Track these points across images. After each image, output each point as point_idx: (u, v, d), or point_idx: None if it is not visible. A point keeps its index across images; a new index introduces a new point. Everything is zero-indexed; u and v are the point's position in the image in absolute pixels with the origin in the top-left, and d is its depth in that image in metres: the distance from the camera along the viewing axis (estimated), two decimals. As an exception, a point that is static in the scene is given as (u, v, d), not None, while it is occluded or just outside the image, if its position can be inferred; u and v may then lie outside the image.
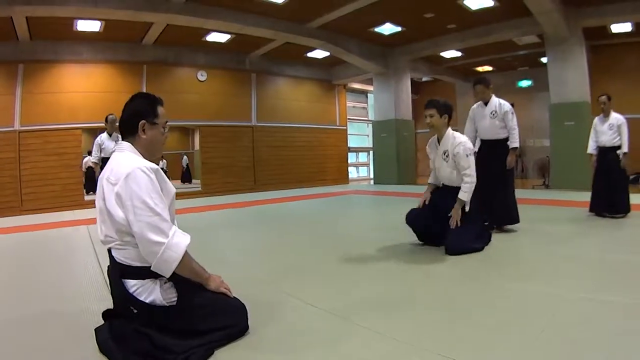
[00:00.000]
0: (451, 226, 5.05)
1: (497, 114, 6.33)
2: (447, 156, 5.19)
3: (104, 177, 2.62)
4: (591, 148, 7.82)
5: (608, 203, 7.47)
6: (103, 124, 9.04)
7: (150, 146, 2.77)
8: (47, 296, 4.01)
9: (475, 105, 6.70)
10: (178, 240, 2.54)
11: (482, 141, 6.63)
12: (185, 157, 23.03)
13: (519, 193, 9.16)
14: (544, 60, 14.47)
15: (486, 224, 6.09)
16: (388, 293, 3.72)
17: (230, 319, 2.77)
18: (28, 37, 11.83)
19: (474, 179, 5.04)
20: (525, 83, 19.67)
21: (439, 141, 5.34)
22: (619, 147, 7.44)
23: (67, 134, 12.40)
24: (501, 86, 19.24)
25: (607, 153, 7.58)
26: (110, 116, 9.01)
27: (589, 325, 2.82)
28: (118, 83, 13.47)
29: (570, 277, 3.98)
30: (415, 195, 12.18)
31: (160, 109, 2.82)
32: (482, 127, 6.53)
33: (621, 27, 13.38)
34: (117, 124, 8.94)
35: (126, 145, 2.72)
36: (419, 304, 3.40)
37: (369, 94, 21.32)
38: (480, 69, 19.20)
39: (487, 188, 6.03)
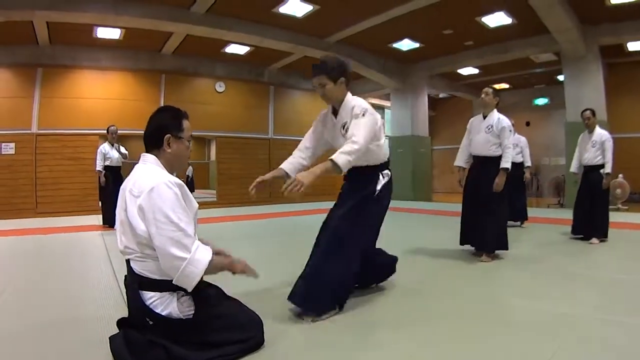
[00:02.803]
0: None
1: (492, 129, 5.78)
2: (345, 129, 3.75)
3: (127, 189, 2.61)
4: (574, 166, 7.50)
5: (587, 226, 7.06)
6: (111, 134, 9.30)
7: (174, 160, 2.77)
8: (61, 302, 4.02)
9: (473, 118, 6.23)
10: (200, 257, 2.53)
11: (473, 157, 6.11)
12: (190, 167, 22.95)
13: (534, 212, 9.18)
14: (561, 78, 14.47)
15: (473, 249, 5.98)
16: (403, 309, 3.71)
17: (246, 332, 2.75)
18: (48, 42, 12.04)
19: (360, 141, 3.40)
20: (541, 101, 19.59)
21: (335, 112, 3.91)
22: (602, 166, 7.03)
23: (84, 140, 12.54)
24: (518, 104, 19.28)
25: (589, 172, 7.22)
26: (112, 127, 9.30)
27: (603, 346, 2.81)
28: (136, 91, 13.67)
29: (580, 297, 3.96)
30: (431, 213, 12.29)
31: (185, 123, 2.84)
32: (475, 141, 6.00)
33: (638, 45, 13.33)
34: (117, 133, 9.28)
35: (151, 158, 2.72)
36: (434, 322, 3.39)
37: (386, 110, 21.26)
38: (497, 86, 19.15)
39: (474, 208, 5.87)
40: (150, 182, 2.51)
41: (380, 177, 3.87)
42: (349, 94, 3.83)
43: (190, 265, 2.47)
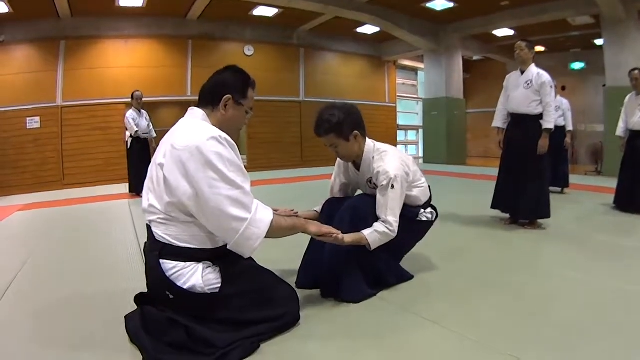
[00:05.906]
0: None
1: (532, 85, 5.29)
2: (373, 184, 3.25)
3: (168, 143, 2.35)
4: (620, 130, 6.86)
5: (632, 197, 6.36)
6: (136, 99, 9.15)
7: (226, 125, 2.50)
8: (84, 275, 3.92)
9: (511, 74, 5.75)
10: (261, 216, 2.34)
11: (511, 115, 5.63)
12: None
13: (571, 179, 8.93)
14: (598, 42, 14.12)
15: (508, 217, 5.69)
16: (450, 283, 3.48)
17: (279, 308, 2.52)
18: (69, 14, 11.92)
19: (394, 228, 3.07)
20: (577, 65, 18.99)
21: (357, 166, 3.40)
22: None
23: (111, 109, 12.54)
24: (553, 67, 18.71)
25: (635, 138, 6.58)
26: (137, 92, 9.10)
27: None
28: (162, 58, 13.59)
29: (633, 272, 3.70)
30: (465, 177, 12.09)
31: (251, 92, 2.63)
32: (512, 98, 5.52)
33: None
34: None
35: (199, 112, 2.50)
36: (484, 296, 3.18)
37: (419, 72, 20.93)
38: (533, 48, 18.71)
39: (513, 174, 5.47)
40: (198, 136, 2.27)
41: (422, 211, 3.46)
42: (367, 144, 3.30)
43: (252, 226, 2.29)
